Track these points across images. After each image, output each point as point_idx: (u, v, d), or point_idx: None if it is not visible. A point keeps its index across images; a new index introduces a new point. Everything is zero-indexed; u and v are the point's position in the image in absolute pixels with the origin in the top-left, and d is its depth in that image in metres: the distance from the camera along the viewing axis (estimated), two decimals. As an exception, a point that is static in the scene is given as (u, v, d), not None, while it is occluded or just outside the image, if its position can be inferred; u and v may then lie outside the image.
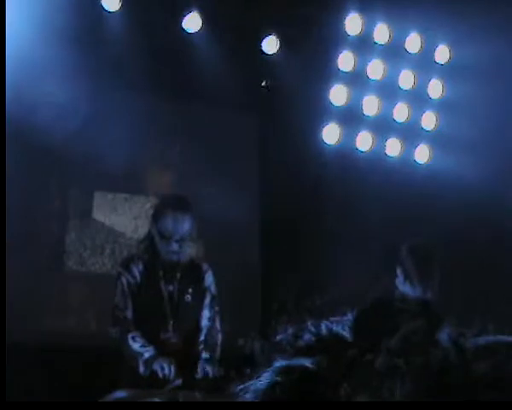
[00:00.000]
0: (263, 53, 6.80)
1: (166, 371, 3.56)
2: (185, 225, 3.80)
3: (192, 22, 6.44)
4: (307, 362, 0.91)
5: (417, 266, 4.31)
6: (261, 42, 6.78)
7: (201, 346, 3.77)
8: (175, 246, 3.78)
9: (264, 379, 0.91)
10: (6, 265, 5.57)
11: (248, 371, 0.99)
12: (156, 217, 3.84)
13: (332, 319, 1.00)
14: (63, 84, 6.07)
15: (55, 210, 6.29)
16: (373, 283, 4.68)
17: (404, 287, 4.36)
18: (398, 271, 4.37)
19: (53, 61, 5.85)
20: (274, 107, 6.90)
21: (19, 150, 5.89)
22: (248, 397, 0.92)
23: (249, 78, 6.68)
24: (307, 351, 0.93)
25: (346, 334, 0.96)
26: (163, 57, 6.33)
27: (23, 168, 5.97)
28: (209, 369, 3.67)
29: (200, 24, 6.44)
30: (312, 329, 0.97)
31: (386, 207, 6.83)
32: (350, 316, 1.00)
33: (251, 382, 0.93)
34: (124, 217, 6.61)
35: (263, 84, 6.76)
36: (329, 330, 0.95)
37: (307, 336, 0.95)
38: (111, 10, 6.08)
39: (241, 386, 0.93)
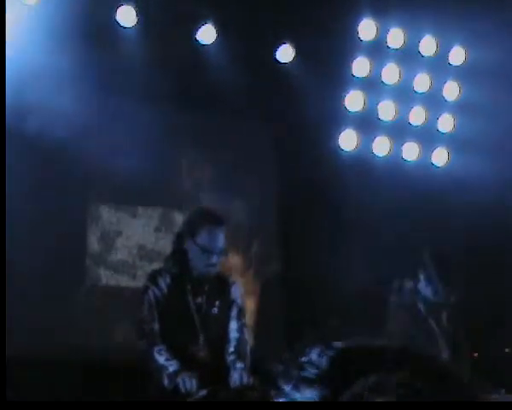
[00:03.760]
0: (277, 62, 6.83)
1: (188, 385, 3.59)
2: (222, 238, 3.84)
3: (206, 34, 6.49)
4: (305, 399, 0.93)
5: (440, 270, 4.32)
6: (275, 51, 6.81)
7: (233, 356, 3.79)
8: (215, 259, 3.81)
9: None
10: (32, 281, 5.65)
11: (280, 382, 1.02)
12: (194, 231, 3.85)
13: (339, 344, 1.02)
14: (82, 99, 6.14)
15: (78, 224, 6.34)
16: (393, 288, 4.68)
17: (426, 291, 4.37)
18: (421, 275, 4.38)
19: (70, 76, 5.92)
20: (289, 115, 6.92)
21: (41, 164, 5.96)
22: None
23: (265, 87, 6.71)
24: (310, 384, 0.96)
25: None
26: (178, 69, 6.38)
27: (45, 182, 6.03)
28: (245, 377, 3.70)
29: (215, 35, 6.49)
30: (315, 359, 0.99)
31: (404, 211, 6.82)
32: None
33: None
34: (144, 229, 6.65)
35: None
36: (332, 362, 0.97)
37: (310, 370, 0.98)
38: (127, 26, 6.14)
39: None
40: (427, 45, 7.21)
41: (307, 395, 0.95)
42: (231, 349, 3.83)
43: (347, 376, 0.95)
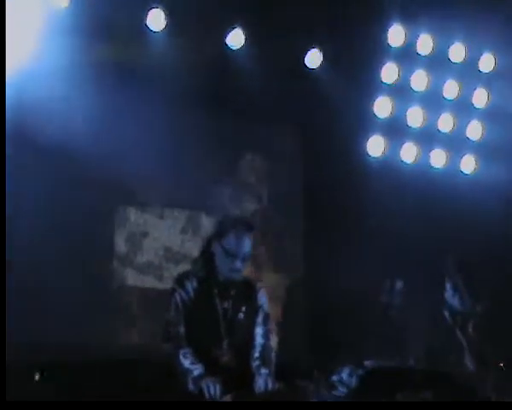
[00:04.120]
0: (306, 67, 6.84)
1: (212, 390, 3.60)
2: (248, 244, 3.84)
3: (235, 38, 6.51)
4: None
5: (466, 280, 4.30)
6: (304, 56, 6.82)
7: (258, 362, 3.81)
8: (239, 264, 3.82)
9: None
10: (60, 282, 5.72)
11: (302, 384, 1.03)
12: (220, 235, 3.87)
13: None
14: (110, 102, 6.20)
15: (105, 225, 6.39)
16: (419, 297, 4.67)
17: (453, 301, 4.35)
18: (448, 285, 4.36)
19: (97, 80, 5.97)
20: (317, 120, 6.92)
21: (68, 165, 6.01)
22: None
23: (293, 92, 6.71)
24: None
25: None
26: (207, 73, 6.41)
27: (73, 184, 6.08)
28: (270, 383, 3.71)
29: (244, 40, 6.51)
30: (346, 378, 1.00)
31: (431, 218, 6.79)
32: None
33: None
34: (170, 231, 6.69)
35: None
36: (361, 381, 0.99)
37: (340, 389, 0.99)
38: (156, 30, 6.19)
39: None
40: (457, 52, 7.17)
41: None
42: (256, 355, 3.84)
43: (375, 396, 0.97)
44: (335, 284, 6.58)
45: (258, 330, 3.90)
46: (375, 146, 7.20)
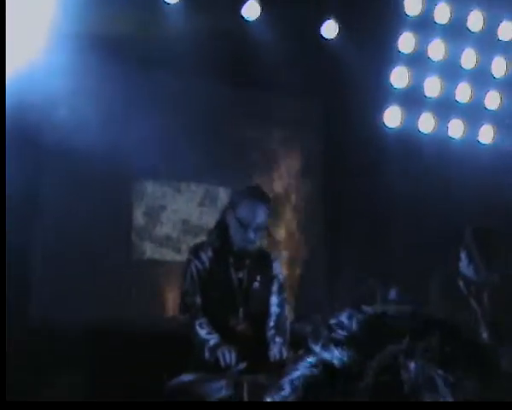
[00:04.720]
0: (322, 38, 6.80)
1: (227, 358, 3.65)
2: (263, 214, 3.85)
3: (251, 10, 6.49)
4: (335, 357, 0.97)
5: (482, 249, 4.28)
6: (320, 27, 6.78)
7: (273, 331, 3.85)
8: (251, 235, 3.84)
9: (300, 369, 0.98)
10: (79, 255, 5.80)
11: (310, 342, 1.06)
12: (235, 205, 3.89)
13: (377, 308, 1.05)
14: (127, 74, 6.22)
15: (123, 199, 6.44)
16: (435, 267, 4.66)
17: (467, 271, 4.34)
18: (462, 255, 4.35)
19: (115, 53, 5.99)
20: (334, 92, 6.89)
21: (86, 138, 6.05)
22: (286, 389, 0.99)
23: (309, 63, 6.69)
24: (339, 344, 0.99)
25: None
26: (223, 46, 6.39)
27: (90, 158, 6.12)
28: (284, 352, 3.76)
29: (259, 11, 6.48)
30: (345, 321, 1.02)
31: (449, 189, 6.76)
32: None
33: (291, 371, 1.00)
34: (188, 204, 6.72)
35: None
36: (361, 326, 1.00)
37: (339, 331, 1.01)
38: (170, 2, 6.18)
39: (285, 378, 1.00)
40: (475, 20, 7.09)
41: (337, 355, 0.99)
42: (271, 324, 3.88)
43: (376, 340, 0.98)
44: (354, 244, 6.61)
45: (274, 300, 3.94)
46: (393, 117, 7.16)
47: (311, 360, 0.98)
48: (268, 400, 1.01)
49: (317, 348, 0.98)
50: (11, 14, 5.28)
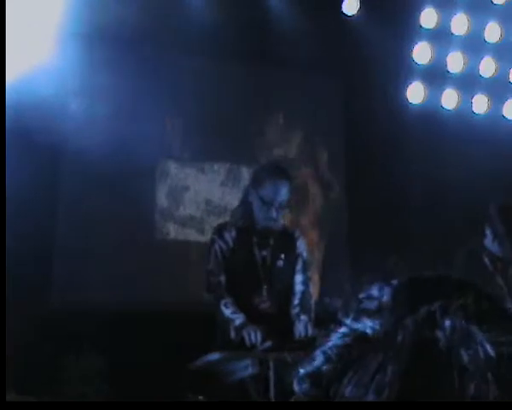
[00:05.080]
0: (344, 15, 6.75)
1: (253, 337, 3.65)
2: (284, 192, 3.84)
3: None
4: (367, 327, 0.97)
5: (507, 225, 4.24)
6: (341, 3, 6.73)
7: (297, 309, 3.85)
8: (274, 213, 3.83)
9: (333, 339, 0.99)
10: (103, 236, 5.84)
11: (340, 315, 1.06)
12: (257, 183, 3.87)
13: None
14: (149, 57, 6.23)
15: (147, 180, 6.46)
16: (459, 243, 4.63)
17: (492, 247, 4.30)
18: (487, 230, 4.31)
19: (137, 37, 6.00)
20: (357, 68, 6.85)
21: (109, 120, 6.08)
22: (319, 359, 0.99)
23: (331, 40, 6.64)
24: (370, 315, 0.99)
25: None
26: (244, 25, 6.37)
27: (114, 140, 6.15)
28: (309, 329, 3.75)
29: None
30: (375, 293, 1.02)
31: (473, 165, 6.71)
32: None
33: (323, 342, 1.00)
34: (211, 184, 6.74)
35: None
36: (393, 294, 1.00)
37: (370, 303, 1.01)
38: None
39: (319, 348, 1.01)
40: (499, -7, 7.00)
41: (368, 324, 0.99)
42: (296, 302, 3.88)
43: (408, 305, 0.98)
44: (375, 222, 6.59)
45: (298, 278, 3.93)
46: (416, 93, 7.10)
47: (343, 330, 0.98)
48: (301, 371, 1.01)
49: (348, 321, 0.98)
50: (11, 13, 5.29)
